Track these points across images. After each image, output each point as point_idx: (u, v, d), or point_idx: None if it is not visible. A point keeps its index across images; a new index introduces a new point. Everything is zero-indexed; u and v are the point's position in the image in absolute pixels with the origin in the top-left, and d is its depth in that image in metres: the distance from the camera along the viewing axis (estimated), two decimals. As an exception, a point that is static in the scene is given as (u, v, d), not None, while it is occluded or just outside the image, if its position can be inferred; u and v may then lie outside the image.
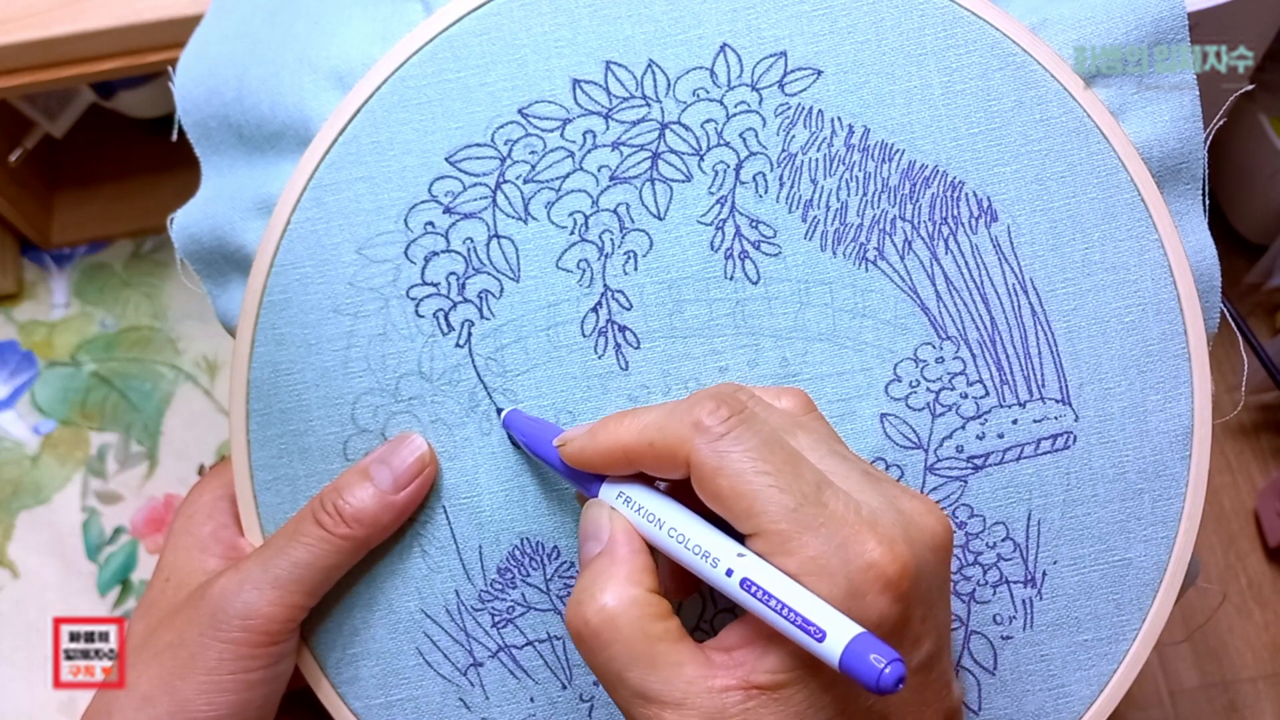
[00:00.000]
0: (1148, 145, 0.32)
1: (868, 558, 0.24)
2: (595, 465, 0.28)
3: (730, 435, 0.25)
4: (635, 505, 0.27)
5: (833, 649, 0.22)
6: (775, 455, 0.25)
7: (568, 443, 0.28)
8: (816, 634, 0.22)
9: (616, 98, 0.32)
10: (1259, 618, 0.60)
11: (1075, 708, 0.33)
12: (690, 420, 0.25)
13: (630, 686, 0.25)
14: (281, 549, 0.31)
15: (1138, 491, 0.33)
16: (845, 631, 0.22)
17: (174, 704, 0.30)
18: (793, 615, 0.23)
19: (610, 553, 0.27)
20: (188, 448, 0.58)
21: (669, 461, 0.26)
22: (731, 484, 0.25)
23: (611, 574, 0.26)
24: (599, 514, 0.28)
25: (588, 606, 0.26)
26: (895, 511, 0.25)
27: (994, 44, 0.32)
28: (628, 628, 0.25)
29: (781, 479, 0.24)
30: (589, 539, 0.28)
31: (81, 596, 0.55)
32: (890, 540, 0.24)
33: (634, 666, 0.25)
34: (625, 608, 0.25)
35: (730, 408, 0.26)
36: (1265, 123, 0.60)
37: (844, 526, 0.24)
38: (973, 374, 0.32)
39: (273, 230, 0.32)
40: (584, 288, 0.32)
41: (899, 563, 0.24)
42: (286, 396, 0.33)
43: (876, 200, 0.32)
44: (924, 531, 0.25)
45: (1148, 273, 0.32)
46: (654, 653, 0.25)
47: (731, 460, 0.25)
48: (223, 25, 0.36)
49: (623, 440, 0.27)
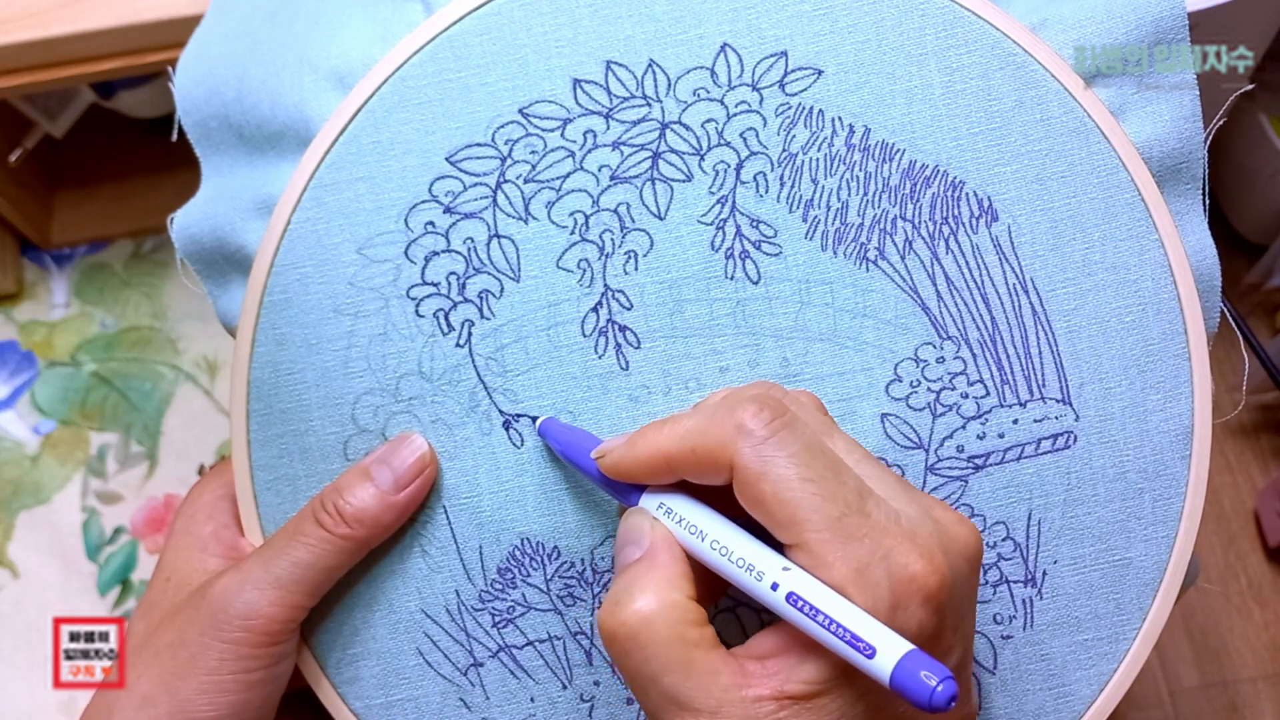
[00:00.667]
0: (1148, 145, 0.32)
1: (910, 569, 0.24)
2: (636, 475, 0.28)
3: (774, 439, 0.25)
4: (676, 516, 0.27)
5: (883, 666, 0.22)
6: (818, 461, 0.25)
7: (606, 454, 0.28)
8: (866, 650, 0.22)
9: (617, 97, 0.32)
10: (1259, 618, 0.60)
11: (1076, 707, 0.33)
12: (733, 423, 0.25)
13: (663, 692, 0.25)
14: (282, 549, 0.31)
15: (1138, 491, 0.33)
16: (896, 648, 0.22)
17: (174, 704, 0.30)
18: (841, 630, 0.23)
19: (651, 558, 0.26)
20: (188, 448, 0.58)
21: (711, 466, 0.26)
22: (775, 490, 0.24)
23: (651, 578, 0.26)
24: (640, 520, 0.27)
25: (625, 608, 0.25)
26: (931, 521, 0.25)
27: (994, 44, 0.32)
28: (665, 631, 0.25)
29: (825, 486, 0.24)
30: (628, 544, 0.27)
31: (81, 596, 0.55)
32: (930, 552, 0.24)
33: (669, 672, 0.25)
34: (664, 611, 0.25)
35: (773, 410, 0.25)
36: (1265, 123, 0.60)
37: (886, 537, 0.24)
38: (973, 374, 0.32)
39: (273, 230, 0.32)
40: (584, 287, 0.32)
41: (939, 574, 0.24)
42: (287, 396, 0.33)
43: (877, 200, 0.32)
44: (957, 542, 0.25)
45: (1148, 272, 0.32)
46: (690, 659, 0.25)
47: (776, 465, 0.24)
48: (223, 25, 0.36)
49: (663, 448, 0.26)
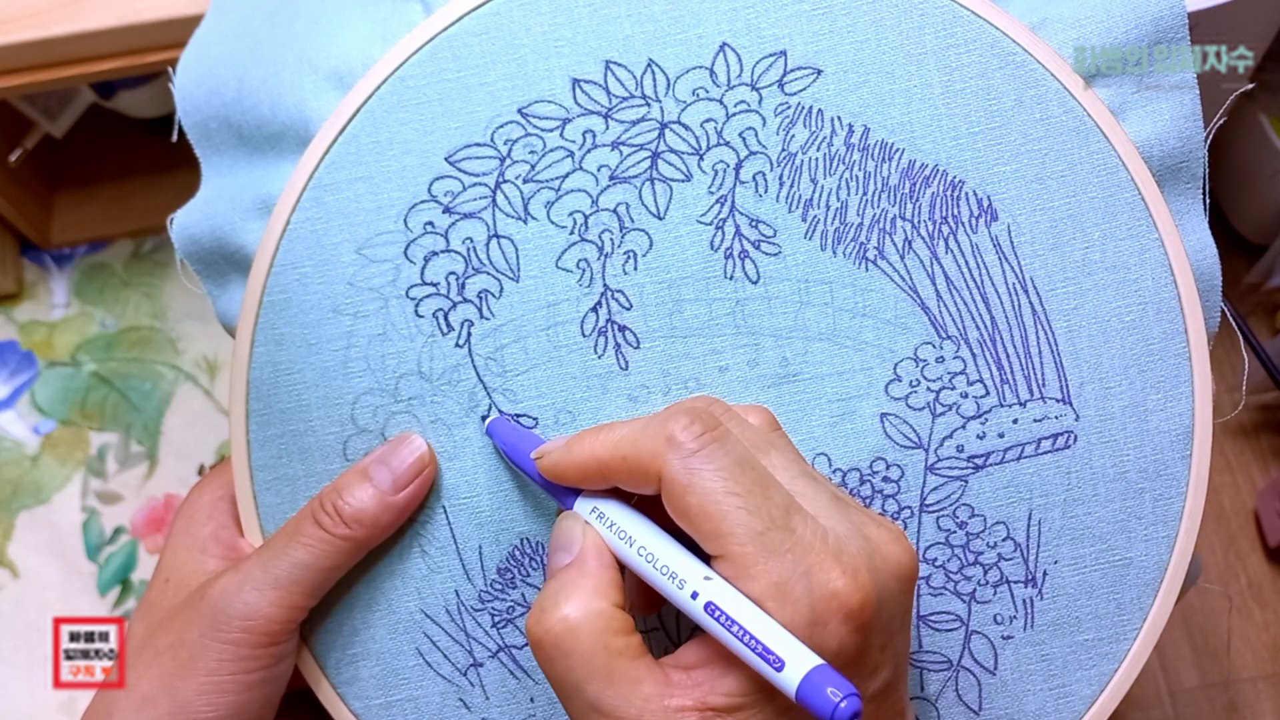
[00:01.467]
0: (1148, 144, 0.32)
1: (831, 586, 0.24)
2: (570, 478, 0.28)
3: (702, 453, 0.25)
4: (608, 521, 0.27)
5: (790, 679, 0.22)
6: (746, 476, 0.25)
7: (545, 455, 0.29)
8: (775, 663, 0.23)
9: (616, 97, 0.32)
10: (1259, 618, 0.60)
11: (1076, 707, 0.33)
12: (664, 435, 0.25)
13: (586, 699, 0.25)
14: (281, 550, 0.31)
15: (1138, 491, 0.33)
16: (804, 662, 0.22)
17: (174, 704, 0.30)
18: (753, 642, 0.23)
19: (580, 564, 0.27)
20: (188, 448, 0.58)
21: (641, 476, 0.26)
22: (700, 502, 0.24)
23: (578, 585, 0.26)
24: (572, 525, 0.28)
25: (550, 615, 0.26)
26: (861, 539, 0.25)
27: (994, 43, 0.32)
28: (589, 640, 0.25)
29: (751, 501, 0.24)
30: (559, 549, 0.28)
31: (81, 596, 0.55)
32: (854, 570, 0.24)
33: (591, 680, 0.25)
34: (589, 619, 0.25)
35: (704, 424, 0.25)
36: (1265, 123, 0.60)
37: (809, 553, 0.24)
38: (973, 373, 0.32)
39: (272, 230, 0.32)
40: (584, 287, 0.32)
41: (861, 593, 0.24)
42: (286, 397, 0.33)
43: (876, 199, 0.32)
44: (889, 561, 0.25)
45: (1148, 272, 0.32)
46: (612, 667, 0.25)
47: (702, 478, 0.25)
48: (223, 26, 0.36)
49: (597, 454, 0.27)
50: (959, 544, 0.33)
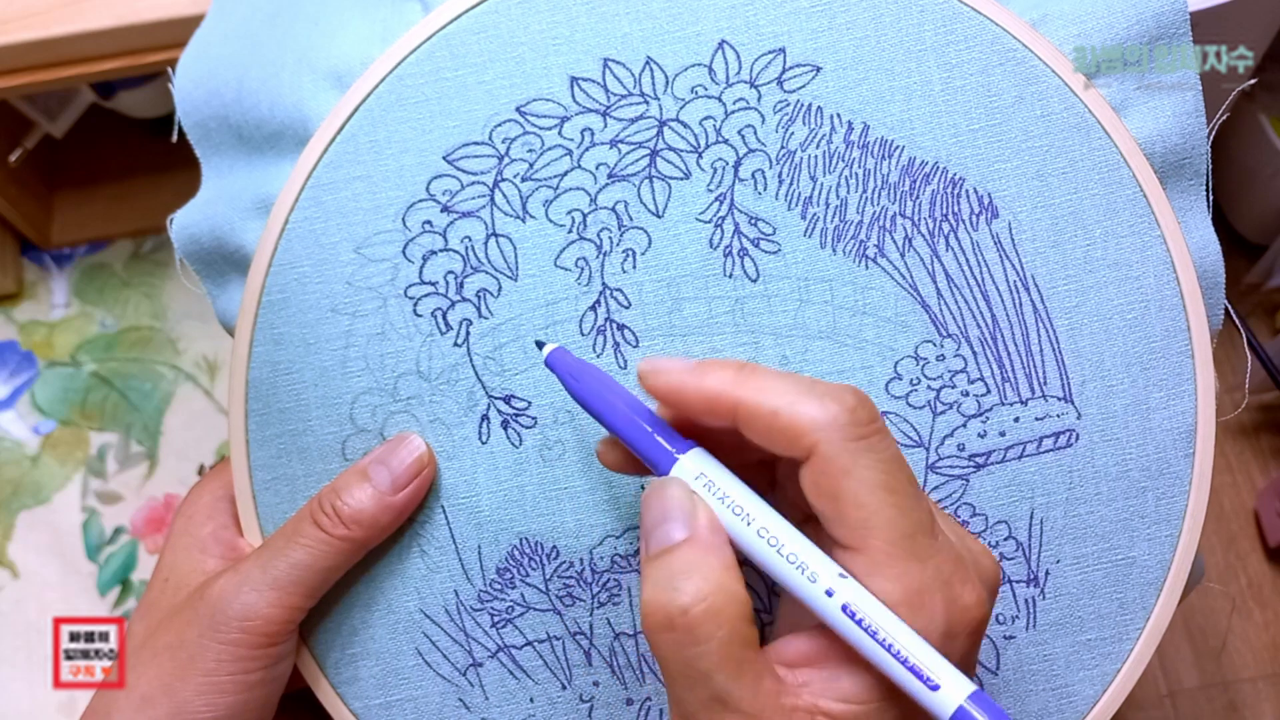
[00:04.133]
0: (1150, 141, 0.32)
1: (966, 600, 0.23)
2: (687, 405, 0.25)
3: (870, 439, 0.24)
4: (719, 492, 0.25)
5: (945, 703, 0.22)
6: (903, 475, 0.24)
7: (660, 371, 0.25)
8: (930, 683, 0.22)
9: (614, 95, 0.32)
10: (1259, 618, 0.60)
11: (1079, 707, 0.33)
12: (833, 408, 0.23)
13: (712, 689, 0.23)
14: (280, 550, 0.31)
15: (1141, 489, 0.32)
16: (960, 688, 0.22)
17: (173, 705, 0.30)
18: (903, 657, 0.22)
19: (702, 541, 0.24)
20: (188, 448, 0.58)
21: (784, 439, 0.24)
22: (856, 491, 0.23)
23: (708, 564, 0.24)
24: (681, 495, 0.25)
25: (685, 595, 0.23)
26: (968, 552, 0.25)
27: (994, 39, 0.32)
28: (728, 625, 0.23)
29: (905, 501, 0.23)
30: (669, 520, 0.25)
31: (81, 596, 0.55)
32: (978, 584, 0.24)
33: (722, 669, 0.23)
34: (729, 603, 0.23)
35: (871, 412, 0.24)
36: (1265, 123, 0.60)
37: (949, 564, 0.24)
38: (974, 372, 0.32)
39: (271, 230, 0.32)
40: (582, 286, 0.32)
41: (985, 609, 0.24)
42: (285, 396, 0.32)
43: (876, 197, 0.32)
44: (988, 574, 0.25)
45: (1150, 269, 0.32)
46: (743, 658, 0.23)
47: (864, 467, 0.23)
48: (223, 26, 0.36)
49: (736, 394, 0.24)
50: (960, 543, 0.32)
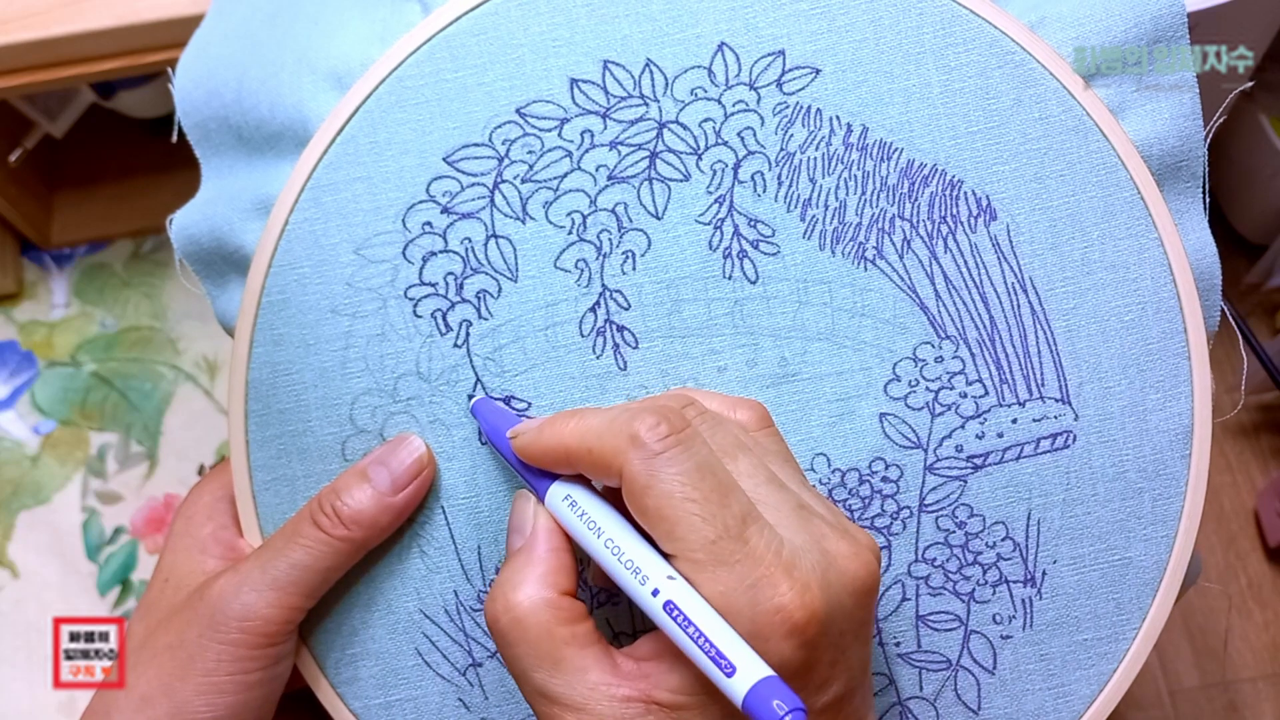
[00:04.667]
0: (1147, 143, 0.32)
1: (776, 601, 0.23)
2: (539, 461, 0.28)
3: (665, 455, 0.25)
4: (579, 510, 0.27)
5: (738, 686, 0.23)
6: (706, 481, 0.25)
7: (518, 435, 0.29)
8: (726, 668, 0.23)
9: (614, 97, 0.32)
10: (1259, 618, 0.60)
11: (1075, 707, 0.33)
12: (629, 432, 0.25)
13: (534, 684, 0.26)
14: (280, 551, 0.31)
15: (1138, 490, 0.33)
16: (754, 672, 0.23)
17: (173, 705, 0.30)
18: (706, 644, 0.23)
19: (529, 550, 0.27)
20: (188, 448, 0.58)
21: (604, 469, 0.26)
22: (658, 504, 0.25)
23: (526, 574, 0.27)
24: (525, 507, 0.29)
25: (497, 603, 0.27)
26: (819, 553, 0.25)
27: (992, 42, 0.32)
28: (535, 629, 0.26)
29: (707, 508, 0.24)
30: (513, 530, 0.29)
31: (81, 596, 0.55)
32: (804, 585, 0.24)
33: (539, 667, 0.26)
34: (535, 609, 0.26)
35: (670, 425, 0.25)
36: (1265, 123, 0.60)
37: (759, 566, 0.24)
38: (972, 373, 0.32)
39: (270, 230, 0.32)
40: (582, 287, 0.32)
41: (808, 609, 0.24)
42: (285, 397, 0.33)
43: (875, 199, 0.32)
44: (844, 575, 0.25)
45: (1147, 271, 0.32)
46: (560, 656, 0.26)
47: (661, 481, 0.25)
48: (223, 26, 0.36)
49: (564, 441, 0.27)
50: (958, 544, 0.33)
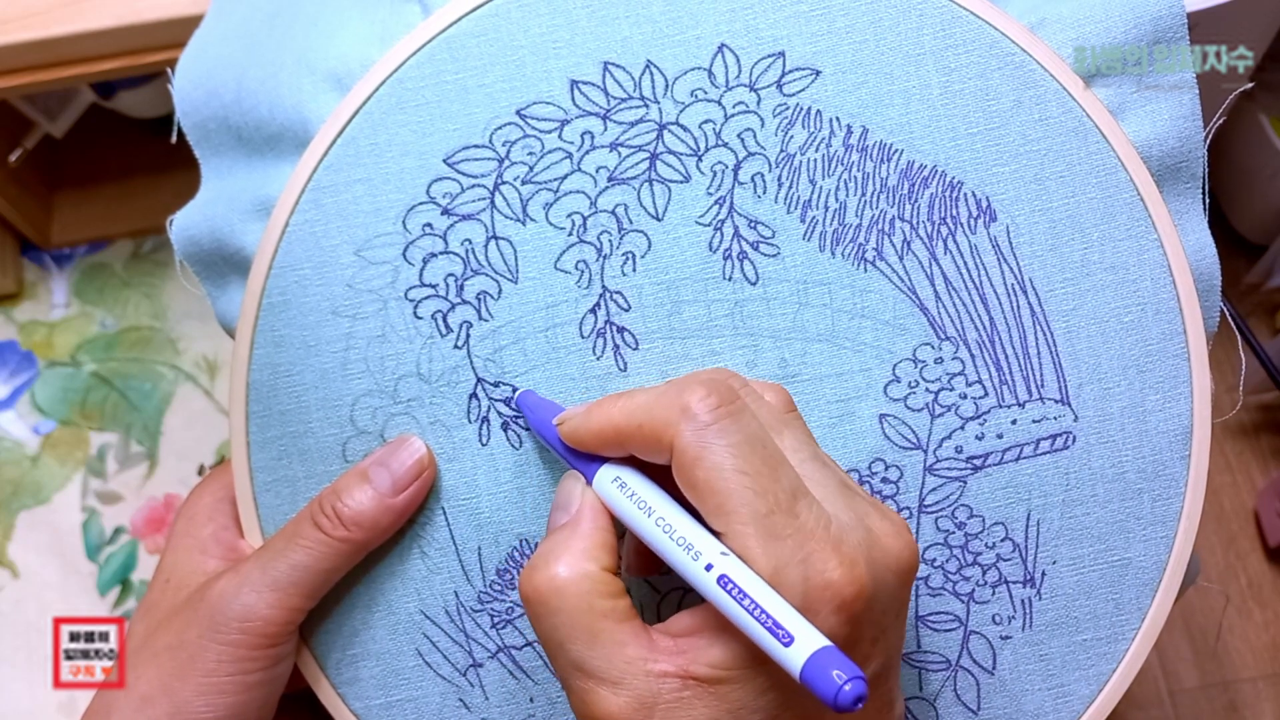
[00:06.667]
0: (1147, 144, 0.32)
1: (827, 576, 0.24)
2: (588, 444, 0.28)
3: (716, 426, 0.25)
4: (629, 490, 0.27)
5: (796, 656, 0.22)
6: (756, 454, 0.25)
7: (565, 421, 0.29)
8: (785, 638, 0.23)
9: (614, 98, 0.32)
10: (1259, 618, 0.60)
11: (1075, 707, 0.33)
12: (680, 405, 0.25)
13: (569, 658, 0.25)
14: (280, 551, 0.31)
15: (1137, 491, 0.33)
16: (812, 642, 0.22)
17: (173, 705, 0.30)
18: (763, 615, 0.23)
19: (574, 525, 0.27)
20: (188, 448, 0.59)
21: (654, 445, 0.26)
22: (708, 477, 0.24)
23: (569, 546, 0.26)
24: (572, 486, 0.28)
25: (539, 573, 0.26)
26: (864, 530, 0.25)
27: (992, 43, 0.32)
28: (574, 600, 0.25)
29: (759, 481, 0.24)
30: (558, 508, 0.28)
31: (81, 596, 0.55)
32: (852, 561, 0.24)
33: (575, 639, 0.25)
34: (575, 580, 0.26)
35: (720, 396, 0.25)
36: (1265, 123, 0.60)
37: (810, 540, 0.24)
38: (972, 374, 0.32)
39: (271, 232, 0.32)
40: (582, 289, 0.32)
41: (856, 585, 0.24)
42: (286, 398, 0.33)
43: (875, 200, 0.32)
44: (888, 554, 0.25)
45: (1147, 272, 0.32)
46: (597, 629, 0.25)
47: (713, 452, 0.25)
48: (222, 27, 0.36)
49: (614, 421, 0.27)
50: (957, 545, 0.33)
